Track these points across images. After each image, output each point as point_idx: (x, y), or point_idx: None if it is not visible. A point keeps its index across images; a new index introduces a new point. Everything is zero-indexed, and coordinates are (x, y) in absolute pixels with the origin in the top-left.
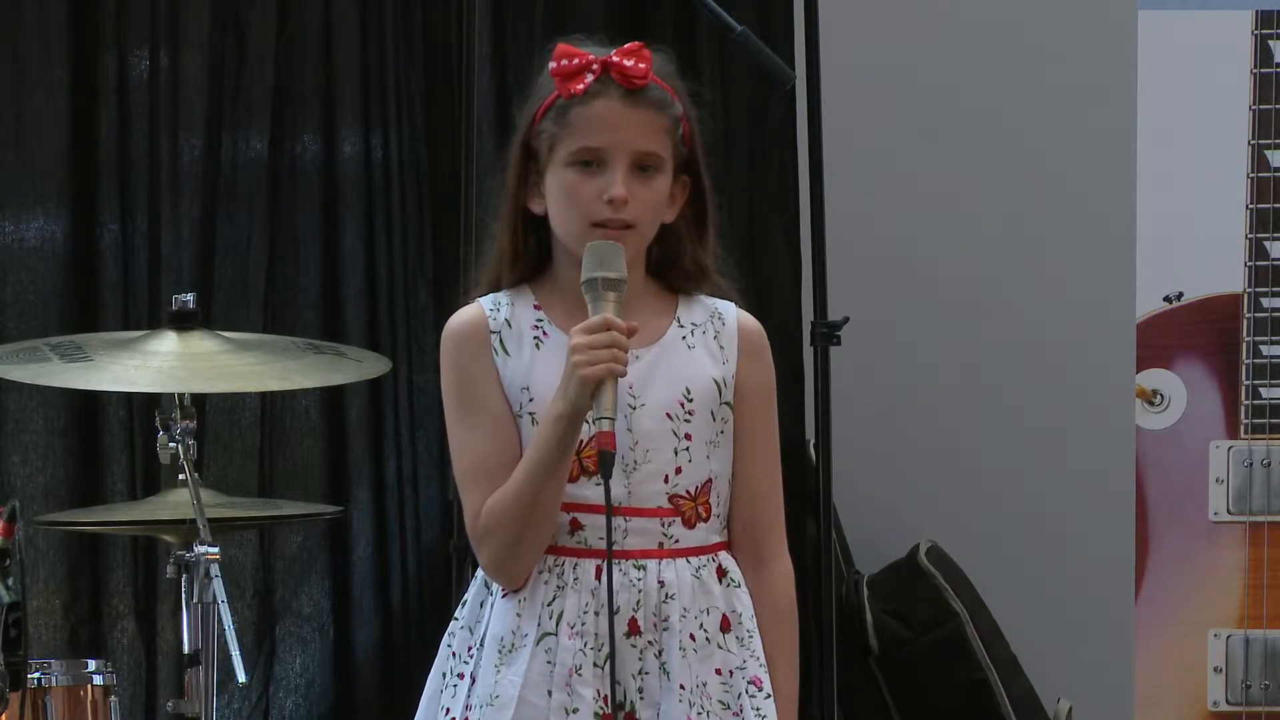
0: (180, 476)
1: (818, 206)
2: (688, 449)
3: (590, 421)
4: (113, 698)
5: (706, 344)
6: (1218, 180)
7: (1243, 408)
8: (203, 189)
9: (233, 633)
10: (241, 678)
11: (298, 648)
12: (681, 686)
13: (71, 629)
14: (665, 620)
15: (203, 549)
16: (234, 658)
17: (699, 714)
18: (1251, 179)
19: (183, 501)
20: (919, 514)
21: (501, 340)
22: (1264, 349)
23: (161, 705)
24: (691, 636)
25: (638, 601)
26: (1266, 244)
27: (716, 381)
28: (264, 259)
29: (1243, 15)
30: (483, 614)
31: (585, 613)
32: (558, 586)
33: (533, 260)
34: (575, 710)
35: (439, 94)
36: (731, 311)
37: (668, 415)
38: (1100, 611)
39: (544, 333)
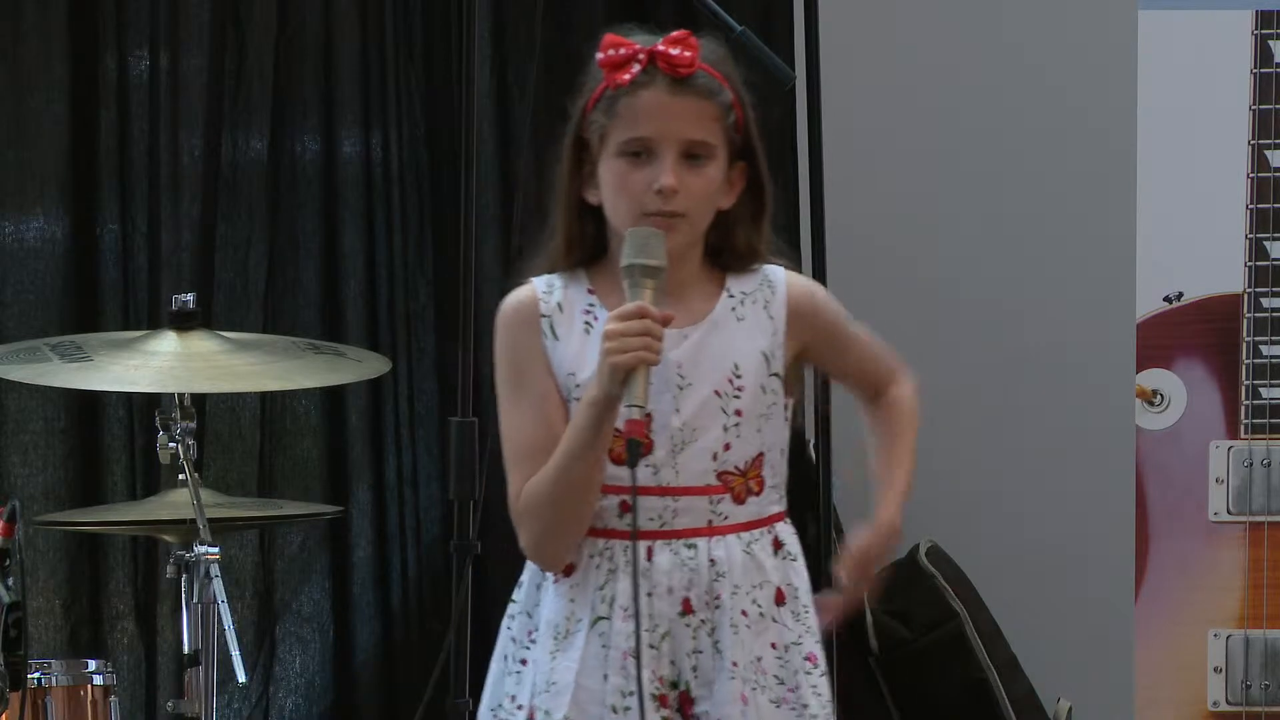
0: (180, 476)
1: (818, 206)
2: (737, 425)
3: (624, 408)
4: (113, 698)
5: (756, 314)
6: (1218, 180)
7: (1243, 408)
8: (203, 189)
9: (233, 633)
10: (241, 678)
11: (298, 648)
12: (734, 664)
13: (71, 629)
14: (717, 598)
15: (203, 549)
16: (234, 658)
17: (753, 690)
18: (1251, 179)
19: (183, 501)
20: (919, 514)
21: (552, 325)
22: (1264, 349)
23: (161, 705)
24: (744, 613)
25: (690, 581)
26: (1266, 244)
27: (765, 354)
28: (264, 259)
29: (1243, 15)
30: (540, 597)
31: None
32: (609, 570)
33: (590, 248)
34: (632, 693)
35: (439, 94)
36: (781, 278)
37: (716, 393)
38: (1100, 611)
39: (595, 317)
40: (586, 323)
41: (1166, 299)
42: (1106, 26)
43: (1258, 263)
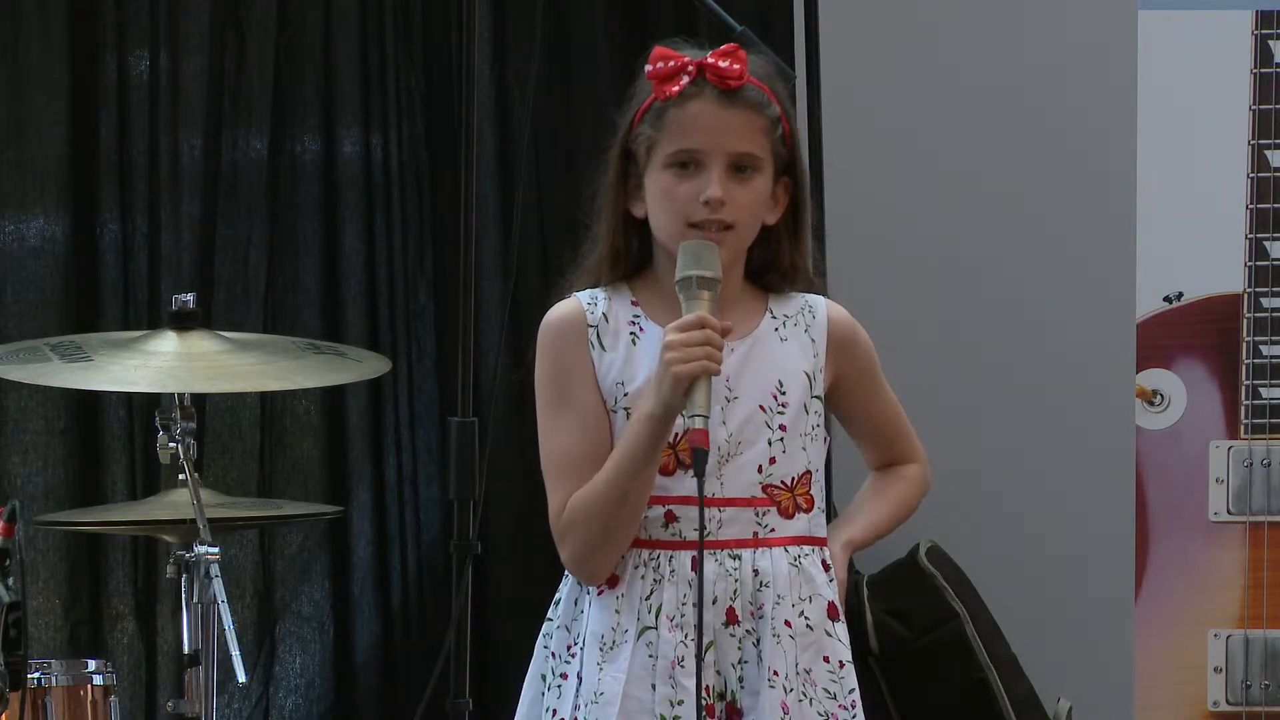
0: (180, 476)
1: (818, 207)
2: (782, 439)
3: (685, 418)
4: (113, 698)
5: (798, 337)
6: (1218, 180)
7: (1243, 408)
8: (203, 189)
9: (233, 633)
10: (241, 678)
11: (298, 648)
12: (775, 673)
13: (71, 629)
14: (760, 608)
15: (203, 549)
16: (234, 658)
17: (798, 700)
18: (1251, 179)
19: (183, 501)
20: (919, 514)
21: (598, 335)
22: (1264, 349)
23: (161, 705)
24: (787, 623)
25: (734, 591)
26: (1266, 244)
27: (807, 374)
28: (264, 259)
29: (1243, 15)
30: (578, 612)
31: (684, 604)
32: (654, 580)
33: (634, 261)
34: (680, 702)
35: (439, 94)
36: (822, 305)
37: (761, 408)
38: (1100, 611)
39: (640, 328)
40: (632, 334)
41: (1166, 299)
42: (1106, 26)
43: (1258, 263)
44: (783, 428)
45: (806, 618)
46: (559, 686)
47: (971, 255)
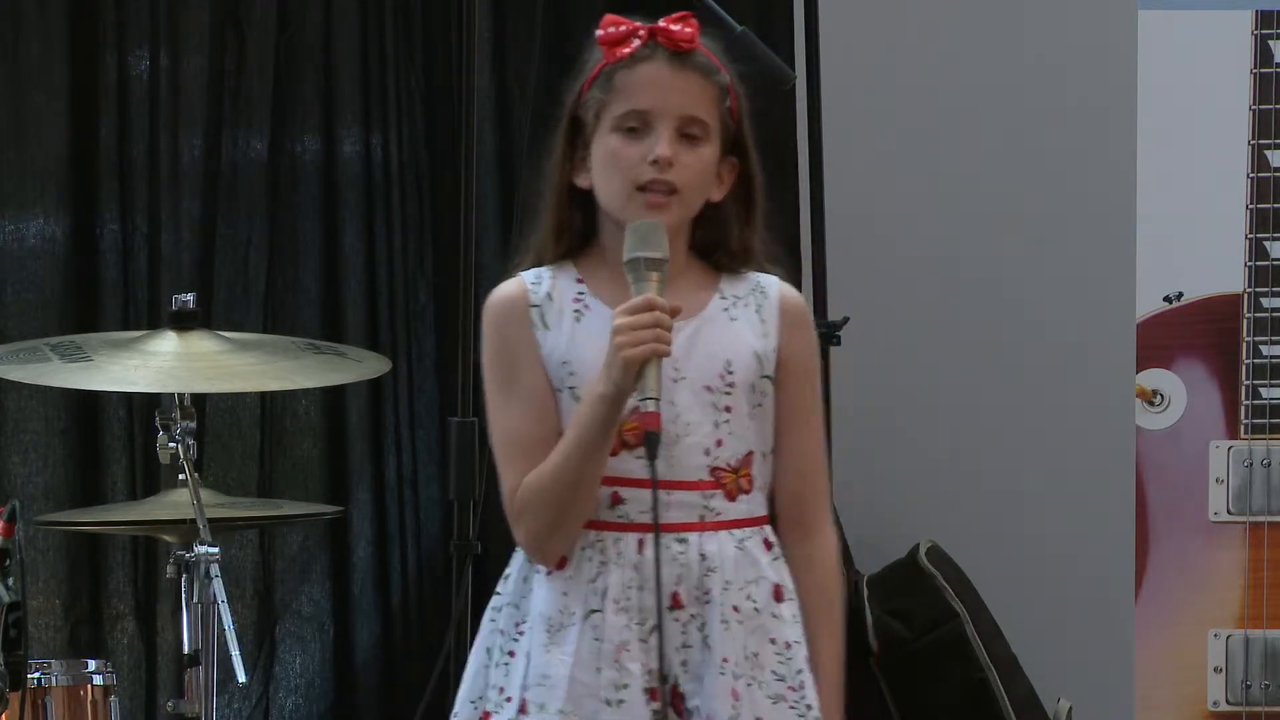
0: (180, 476)
1: (818, 206)
2: (728, 421)
3: (636, 399)
4: (113, 698)
5: (748, 317)
6: (1218, 180)
7: (1243, 408)
8: (203, 189)
9: (233, 633)
10: (241, 678)
11: (298, 648)
12: (724, 660)
13: (71, 629)
14: (707, 593)
15: (203, 549)
16: (234, 658)
17: (747, 685)
18: (1251, 179)
19: (183, 501)
20: (919, 514)
21: (542, 314)
22: (1264, 349)
23: (161, 705)
24: (735, 608)
25: (680, 575)
26: (1266, 244)
27: (758, 354)
28: (264, 259)
29: (1243, 15)
30: (527, 590)
31: (629, 588)
32: (600, 563)
33: (578, 236)
34: (625, 686)
35: (439, 94)
36: (774, 285)
37: (707, 388)
38: (1100, 611)
39: (585, 305)
40: (577, 310)
41: (1166, 299)
42: (1106, 26)
43: (1258, 263)
44: (728, 409)
45: (753, 601)
46: (506, 665)
47: (971, 255)
